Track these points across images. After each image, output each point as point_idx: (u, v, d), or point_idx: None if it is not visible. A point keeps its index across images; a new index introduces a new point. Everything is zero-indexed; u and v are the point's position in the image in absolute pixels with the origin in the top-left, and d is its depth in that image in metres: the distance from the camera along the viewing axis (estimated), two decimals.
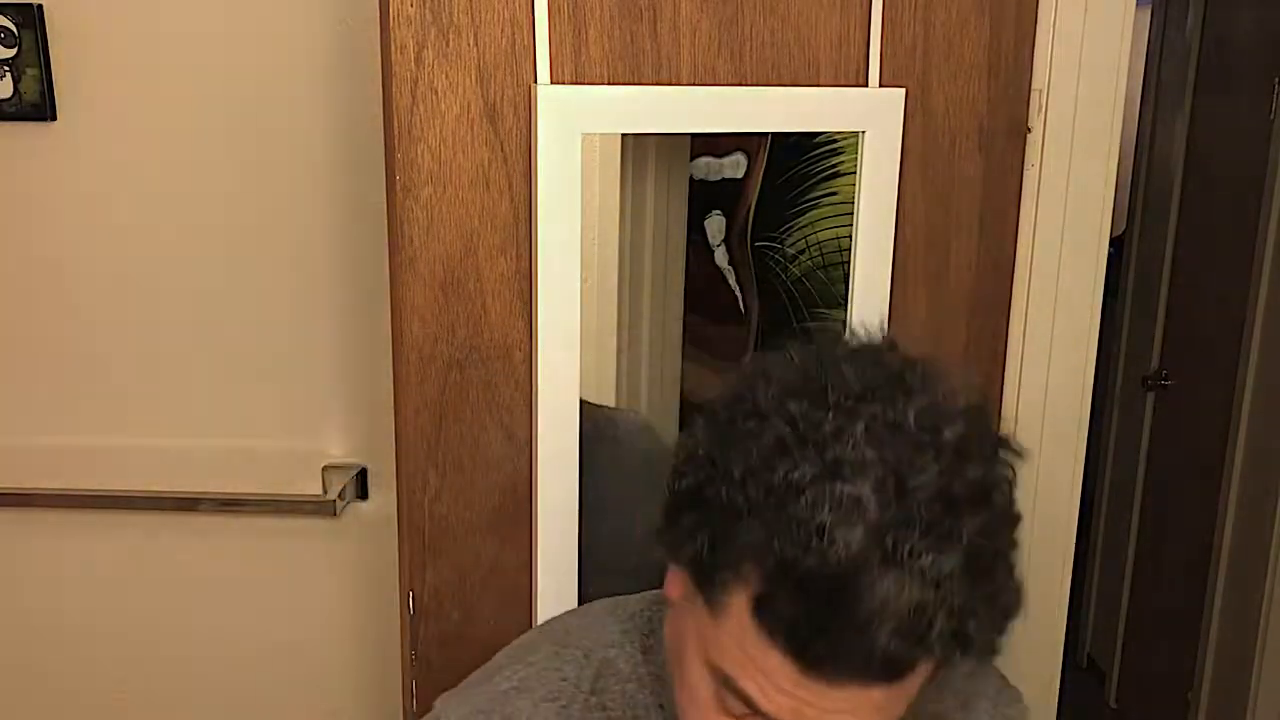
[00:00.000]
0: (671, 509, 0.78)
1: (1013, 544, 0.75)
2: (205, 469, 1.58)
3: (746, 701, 0.74)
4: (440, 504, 1.24)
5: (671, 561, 0.80)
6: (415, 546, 1.25)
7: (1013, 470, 0.77)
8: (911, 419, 0.71)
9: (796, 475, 0.69)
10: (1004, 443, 0.77)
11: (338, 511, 1.56)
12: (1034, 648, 1.51)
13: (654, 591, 0.92)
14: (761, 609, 0.70)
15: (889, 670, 0.70)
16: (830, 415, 0.71)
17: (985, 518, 0.71)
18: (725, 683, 0.74)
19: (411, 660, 1.28)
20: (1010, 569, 0.74)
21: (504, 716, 0.88)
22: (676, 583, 0.81)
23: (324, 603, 1.65)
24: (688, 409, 1.47)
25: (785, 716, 0.72)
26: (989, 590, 0.71)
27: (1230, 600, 2.45)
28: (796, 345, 0.79)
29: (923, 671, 0.72)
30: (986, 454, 0.75)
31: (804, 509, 0.68)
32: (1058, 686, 1.54)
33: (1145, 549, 2.96)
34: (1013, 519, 0.76)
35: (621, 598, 0.97)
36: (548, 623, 0.97)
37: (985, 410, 0.78)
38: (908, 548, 0.67)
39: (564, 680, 0.89)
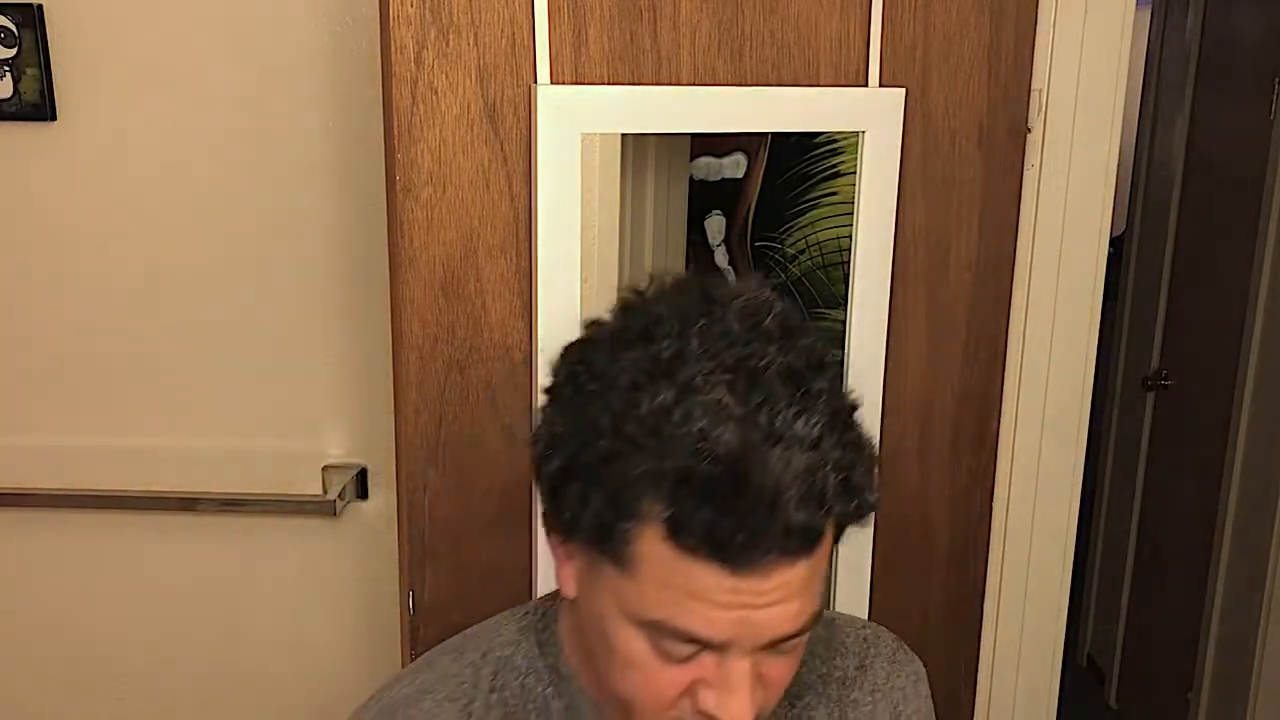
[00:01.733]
0: (552, 493, 0.80)
1: (853, 397, 0.81)
2: (205, 469, 1.58)
3: (687, 638, 0.76)
4: (440, 504, 1.24)
5: (567, 542, 0.82)
6: (415, 546, 1.25)
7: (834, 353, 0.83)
8: (734, 321, 0.76)
9: (660, 400, 0.73)
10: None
11: (338, 511, 1.56)
12: (1034, 648, 1.51)
13: (548, 594, 0.95)
14: (676, 530, 0.73)
15: (806, 539, 0.73)
16: (665, 345, 0.75)
17: (829, 376, 0.77)
18: (658, 630, 0.77)
19: (411, 660, 1.28)
20: (858, 424, 0.80)
21: (407, 718, 0.89)
22: (570, 571, 0.84)
23: (324, 603, 1.65)
24: None
25: (729, 632, 0.75)
26: (855, 439, 0.77)
27: (1230, 600, 2.45)
28: (599, 318, 0.84)
29: (828, 539, 0.76)
30: (806, 326, 0.81)
31: (678, 424, 0.72)
32: (1058, 686, 1.54)
33: (1145, 549, 2.96)
34: (842, 377, 0.81)
35: (518, 606, 0.98)
36: (452, 637, 0.99)
37: (781, 301, 0.83)
38: (779, 421, 0.72)
39: (463, 682, 0.91)
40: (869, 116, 1.25)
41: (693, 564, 0.73)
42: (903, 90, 1.26)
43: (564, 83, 1.17)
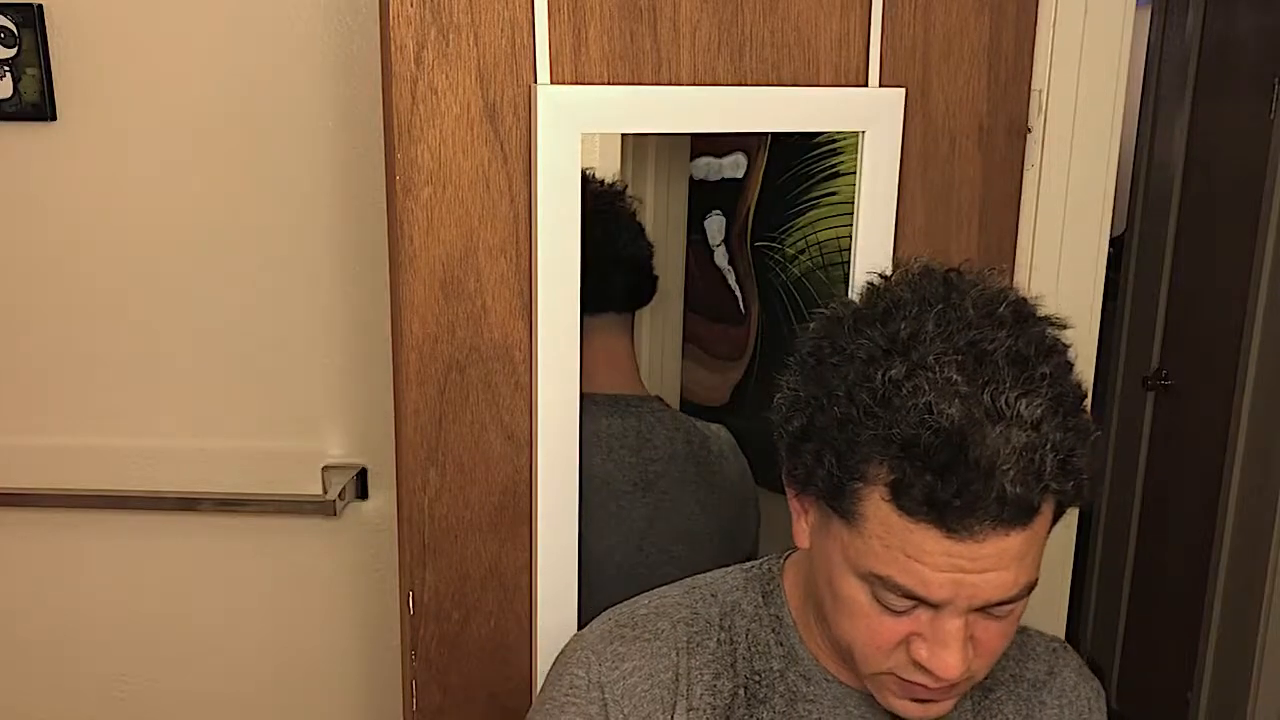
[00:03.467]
0: (791, 450, 0.88)
1: (1080, 384, 0.86)
2: (205, 469, 1.58)
3: (906, 594, 0.82)
4: (440, 504, 1.24)
5: (801, 496, 0.90)
6: (415, 546, 1.25)
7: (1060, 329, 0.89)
8: (970, 307, 0.83)
9: (893, 374, 0.80)
10: (1054, 321, 0.89)
11: (338, 511, 1.56)
12: None
13: (772, 554, 1.04)
14: (899, 494, 0.79)
15: (1021, 511, 0.79)
16: (903, 326, 0.82)
17: (1056, 363, 0.82)
18: (881, 583, 0.83)
19: (411, 660, 1.28)
20: (1089, 410, 0.85)
21: (646, 629, 0.99)
22: (804, 525, 0.91)
23: (324, 603, 1.65)
24: (688, 408, 1.47)
25: (944, 592, 0.81)
26: (1078, 424, 0.81)
27: (1230, 600, 2.45)
28: (846, 299, 0.92)
29: (1046, 514, 0.82)
30: (1039, 316, 0.87)
31: (907, 397, 0.79)
32: None
33: (1145, 549, 2.96)
34: (1073, 365, 0.87)
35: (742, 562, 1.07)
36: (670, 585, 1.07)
37: (1019, 291, 0.89)
38: (1003, 400, 0.78)
39: (696, 614, 1.00)
40: (869, 116, 1.25)
41: (913, 526, 0.79)
42: (903, 90, 1.26)
43: (564, 83, 1.17)
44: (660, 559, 1.24)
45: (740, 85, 1.22)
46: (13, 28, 1.43)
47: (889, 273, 0.92)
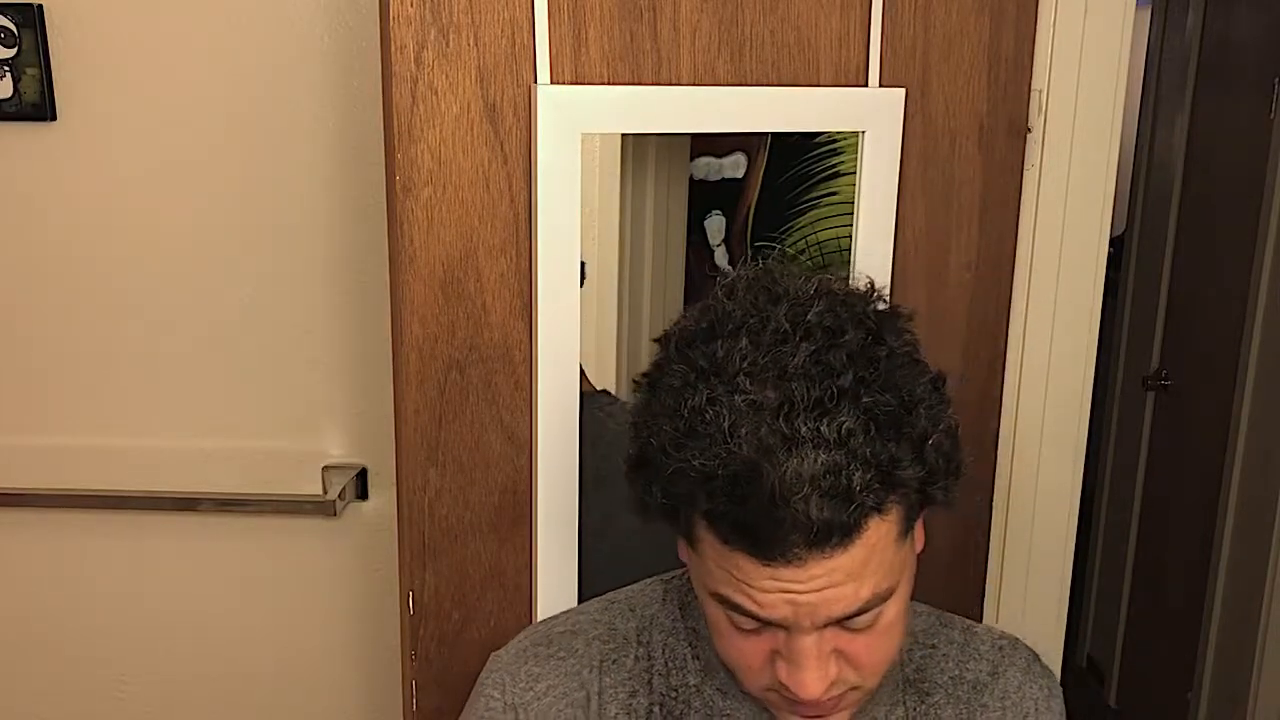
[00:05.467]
0: (630, 480, 0.86)
1: (929, 387, 0.81)
2: (205, 469, 1.58)
3: (746, 614, 0.80)
4: (440, 504, 1.24)
5: (651, 522, 0.87)
6: (415, 546, 1.25)
7: (910, 332, 0.84)
8: (782, 317, 0.79)
9: (695, 402, 0.77)
10: (892, 312, 0.84)
11: (338, 511, 1.56)
12: (1034, 647, 1.51)
13: None
14: (712, 523, 0.78)
15: (837, 533, 0.75)
16: (719, 346, 0.79)
17: (873, 373, 0.77)
18: (725, 604, 0.81)
19: (411, 660, 1.28)
20: (934, 408, 0.80)
21: (561, 648, 0.98)
22: (681, 543, 0.88)
23: (324, 603, 1.65)
24: None
25: (781, 610, 0.78)
26: (908, 433, 0.77)
27: (1230, 600, 2.45)
28: (689, 310, 0.87)
29: (880, 525, 0.78)
30: (863, 323, 0.80)
31: (709, 425, 0.76)
32: None
33: (1145, 549, 2.96)
34: (920, 368, 0.82)
35: (667, 572, 1.04)
36: (592, 599, 1.06)
37: (860, 291, 0.84)
38: (799, 421, 0.74)
39: (614, 629, 0.99)
40: (869, 116, 1.25)
41: (732, 552, 0.78)
42: (903, 90, 1.26)
43: (564, 83, 1.17)
44: (617, 556, 1.24)
45: (740, 85, 1.22)
46: (13, 28, 1.43)
47: (726, 279, 0.87)
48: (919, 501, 0.81)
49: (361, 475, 1.59)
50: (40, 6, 1.43)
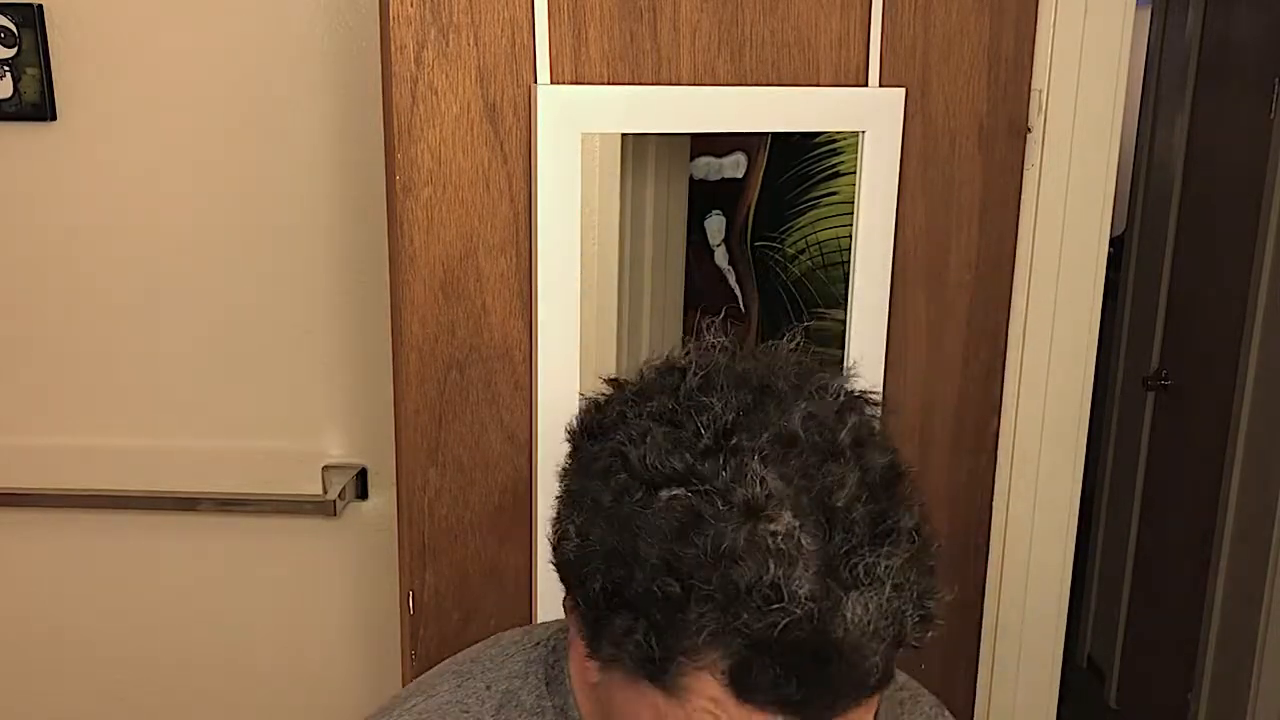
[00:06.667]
0: (593, 617, 0.70)
1: (918, 500, 0.72)
2: (205, 469, 1.58)
3: None
4: (440, 504, 1.24)
5: (595, 655, 0.73)
6: (415, 546, 1.25)
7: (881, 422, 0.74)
8: (799, 429, 0.66)
9: (723, 542, 0.63)
10: (869, 404, 0.74)
11: (338, 511, 1.56)
12: (1034, 648, 1.51)
13: (558, 623, 0.87)
14: (741, 684, 0.64)
15: (883, 680, 0.68)
16: (721, 459, 0.64)
17: (904, 495, 0.69)
18: None
19: (411, 660, 1.28)
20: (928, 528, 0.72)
21: None
22: (593, 665, 0.73)
23: (324, 603, 1.65)
24: None
25: None
26: (931, 559, 0.70)
27: (1230, 600, 2.45)
28: (627, 385, 0.73)
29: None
30: (877, 434, 0.71)
31: (747, 573, 0.62)
32: (1058, 686, 1.54)
33: (1145, 549, 2.96)
34: (911, 479, 0.72)
35: (532, 626, 0.93)
36: (458, 655, 0.93)
37: (852, 390, 0.73)
38: (861, 566, 0.64)
39: (465, 712, 0.85)
40: (869, 116, 1.25)
41: (756, 711, 0.65)
42: (903, 90, 1.26)
43: (564, 83, 1.17)
44: None
45: (740, 85, 1.22)
46: (13, 28, 1.43)
47: (681, 360, 0.72)
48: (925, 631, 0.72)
49: (361, 475, 1.59)
50: (40, 6, 1.43)
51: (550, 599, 1.24)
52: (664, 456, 0.66)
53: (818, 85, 1.24)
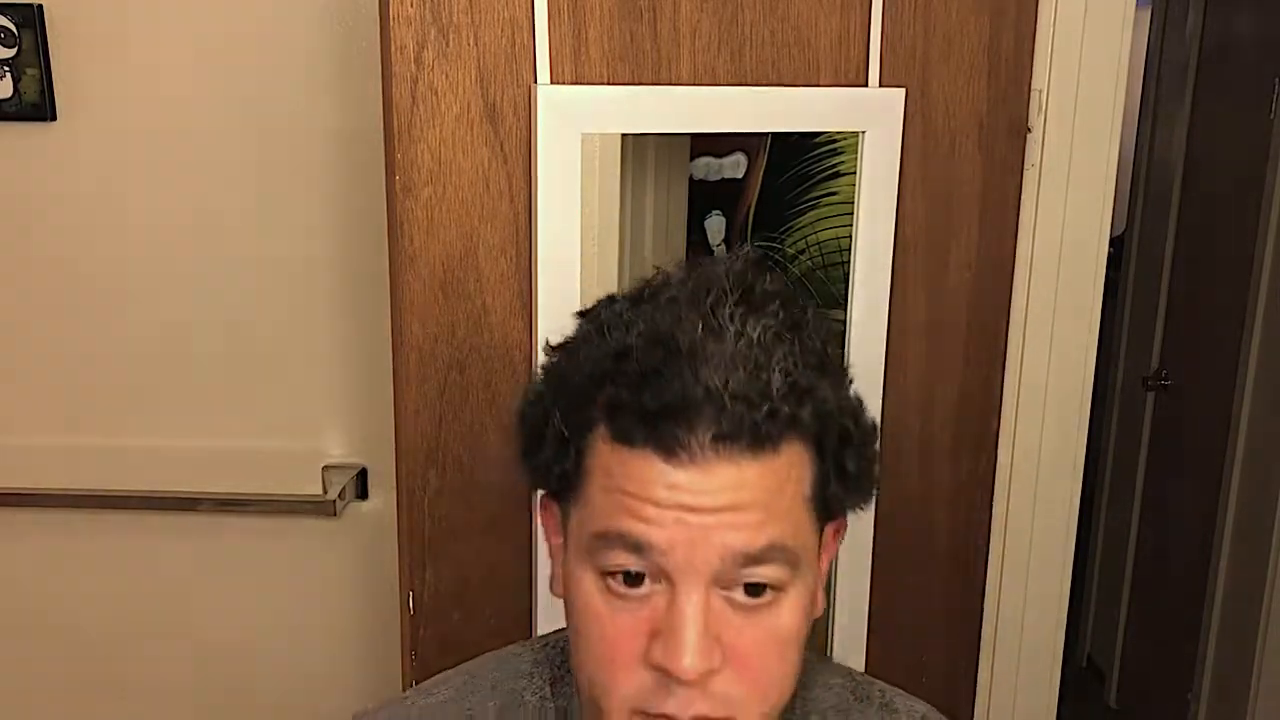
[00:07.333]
0: (522, 423, 0.79)
1: (845, 367, 0.78)
2: (205, 469, 1.58)
3: (626, 543, 0.70)
4: (440, 504, 1.24)
5: (545, 508, 0.81)
6: (415, 546, 1.25)
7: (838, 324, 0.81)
8: (721, 275, 0.75)
9: (617, 307, 0.74)
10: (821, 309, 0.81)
11: (338, 511, 1.56)
12: (1034, 648, 1.51)
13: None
14: (613, 418, 0.71)
15: (748, 434, 0.69)
16: (647, 288, 0.76)
17: (797, 312, 0.74)
18: (605, 544, 0.72)
19: (411, 660, 1.28)
20: (845, 377, 0.77)
21: None
22: (558, 567, 0.81)
23: (324, 603, 1.65)
24: None
25: (672, 532, 0.69)
26: (830, 373, 0.74)
27: (1230, 600, 2.45)
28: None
29: (788, 456, 0.71)
30: (783, 287, 0.78)
31: (619, 322, 0.73)
32: (1058, 686, 1.54)
33: (1145, 549, 2.96)
34: (837, 340, 0.80)
35: (544, 633, 0.95)
36: (470, 660, 0.94)
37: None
38: (724, 313, 0.70)
39: (469, 711, 0.87)
40: (869, 116, 1.25)
41: (630, 456, 0.70)
42: (903, 90, 1.26)
43: (564, 83, 1.17)
44: None
45: (740, 85, 1.22)
46: (13, 28, 1.43)
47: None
48: (832, 469, 0.74)
49: (361, 475, 1.59)
50: (40, 6, 1.43)
51: (550, 599, 1.24)
52: (610, 299, 0.77)
53: (818, 85, 1.24)
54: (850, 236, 1.29)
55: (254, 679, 1.68)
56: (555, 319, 1.18)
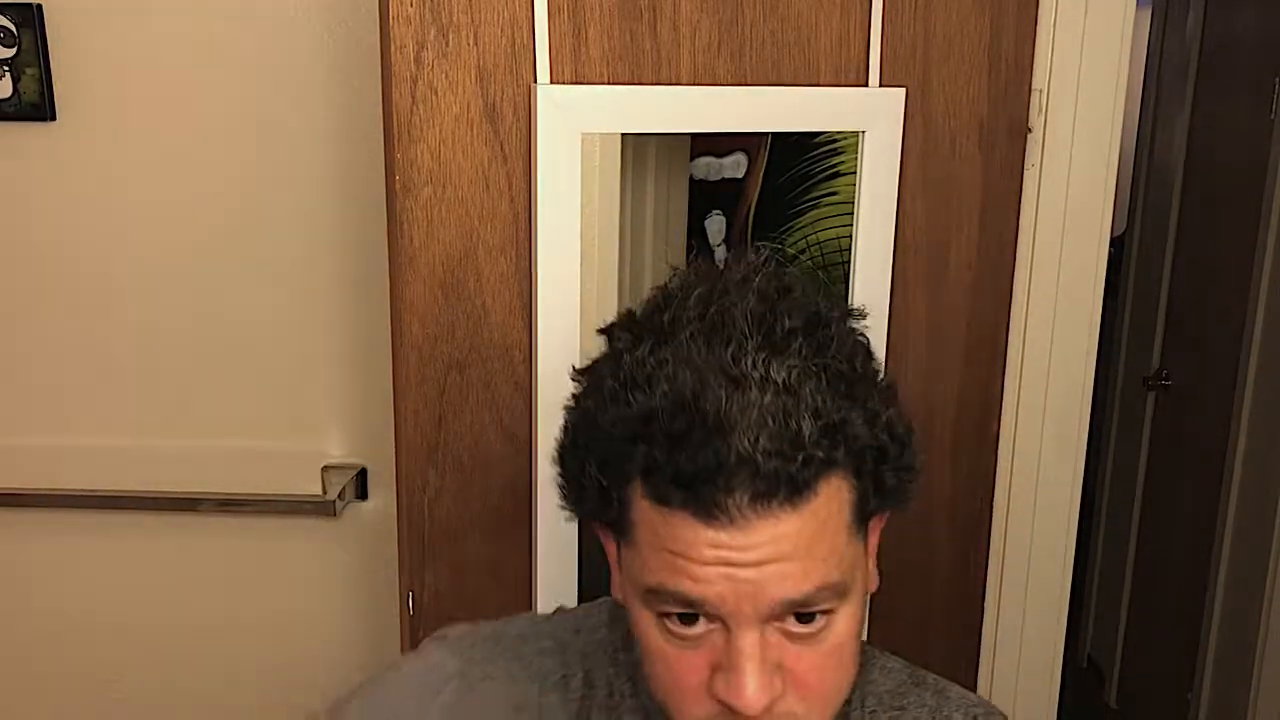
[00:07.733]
0: (562, 466, 0.80)
1: (877, 373, 0.77)
2: (205, 469, 1.58)
3: (681, 601, 0.72)
4: (440, 504, 1.24)
5: (600, 531, 0.82)
6: (415, 546, 1.25)
7: (863, 329, 0.80)
8: (730, 285, 0.75)
9: (638, 354, 0.73)
10: (851, 311, 0.80)
11: (338, 511, 1.56)
12: (1034, 648, 1.51)
13: None
14: (649, 481, 0.71)
15: (784, 487, 0.69)
16: (666, 315, 0.75)
17: (825, 334, 0.74)
18: (657, 599, 0.73)
19: None
20: (886, 395, 0.76)
21: (510, 650, 0.90)
22: (617, 574, 0.82)
23: (324, 603, 1.65)
24: None
25: (720, 587, 0.70)
26: (860, 398, 0.73)
27: (1230, 600, 2.45)
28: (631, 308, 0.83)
29: (829, 496, 0.71)
30: (807, 288, 0.77)
31: (651, 372, 0.72)
32: (1058, 686, 1.54)
33: (1145, 549, 2.96)
34: (873, 356, 0.78)
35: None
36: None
37: (796, 275, 0.81)
38: (746, 361, 0.70)
39: (561, 644, 0.91)
40: (869, 116, 1.25)
41: (669, 517, 0.71)
42: (903, 90, 1.26)
43: (564, 82, 1.17)
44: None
45: (740, 85, 1.22)
46: (12, 28, 1.43)
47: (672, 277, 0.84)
48: (870, 487, 0.74)
49: (361, 475, 1.59)
50: (40, 6, 1.43)
51: (550, 599, 1.24)
52: (630, 324, 0.77)
53: (818, 85, 1.24)
54: (850, 236, 1.29)
55: (254, 679, 1.68)
56: (555, 319, 1.19)
